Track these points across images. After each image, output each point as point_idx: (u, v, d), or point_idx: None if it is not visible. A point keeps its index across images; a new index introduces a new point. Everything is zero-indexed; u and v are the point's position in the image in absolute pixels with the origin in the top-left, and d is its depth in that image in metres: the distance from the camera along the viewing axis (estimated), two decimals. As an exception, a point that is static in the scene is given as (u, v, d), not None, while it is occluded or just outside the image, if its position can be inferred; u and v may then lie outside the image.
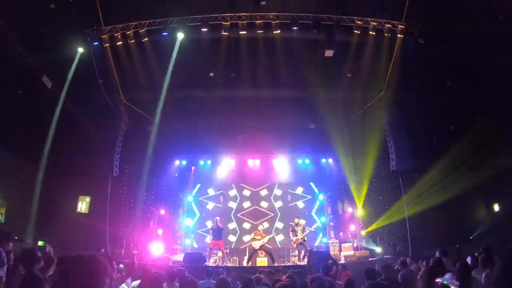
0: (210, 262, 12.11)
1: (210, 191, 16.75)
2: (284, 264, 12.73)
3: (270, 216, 16.08)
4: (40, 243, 11.59)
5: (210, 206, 16.47)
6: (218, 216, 13.59)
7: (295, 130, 15.51)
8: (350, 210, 15.37)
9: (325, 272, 5.81)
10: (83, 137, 13.80)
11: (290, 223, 14.04)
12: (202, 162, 17.11)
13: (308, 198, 16.50)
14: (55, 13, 10.61)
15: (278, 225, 15.87)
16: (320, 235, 15.50)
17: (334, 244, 14.01)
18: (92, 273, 1.65)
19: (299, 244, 12.32)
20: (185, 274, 5.71)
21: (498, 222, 12.25)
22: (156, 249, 13.70)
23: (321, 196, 16.31)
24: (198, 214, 16.33)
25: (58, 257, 3.84)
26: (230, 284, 4.44)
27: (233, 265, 12.51)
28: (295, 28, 12.12)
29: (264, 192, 16.72)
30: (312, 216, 16.04)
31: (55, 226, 12.73)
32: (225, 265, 11.78)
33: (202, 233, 15.74)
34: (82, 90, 12.73)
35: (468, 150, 12.96)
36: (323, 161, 17.01)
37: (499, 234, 11.03)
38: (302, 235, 12.29)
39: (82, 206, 14.12)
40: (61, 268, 1.79)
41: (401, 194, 13.74)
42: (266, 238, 12.49)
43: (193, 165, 17.03)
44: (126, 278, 4.59)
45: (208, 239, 14.62)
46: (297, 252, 12.67)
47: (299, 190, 16.72)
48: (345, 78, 13.51)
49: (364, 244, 13.79)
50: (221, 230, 12.52)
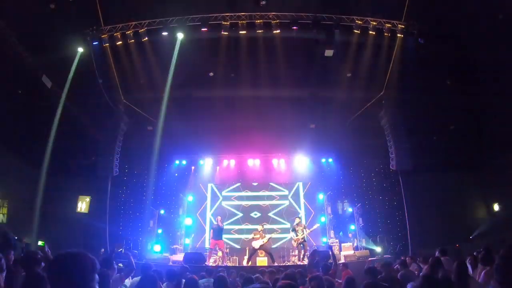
0: (210, 262, 12.10)
1: (210, 190, 16.72)
2: (284, 264, 12.72)
3: (270, 216, 16.05)
4: (40, 243, 11.59)
5: (210, 206, 16.42)
6: (219, 215, 13.60)
7: (295, 130, 15.50)
8: (350, 210, 15.36)
9: (324, 271, 5.81)
10: (83, 136, 13.82)
11: (291, 222, 14.02)
12: (202, 161, 17.10)
13: (307, 198, 16.47)
14: (55, 13, 10.63)
15: (278, 225, 15.84)
16: (320, 235, 15.48)
17: (334, 244, 13.99)
18: (80, 270, 1.65)
19: (299, 244, 12.33)
20: (185, 272, 5.72)
21: (498, 222, 12.25)
22: (156, 248, 13.71)
23: (321, 195, 16.30)
24: (198, 214, 16.30)
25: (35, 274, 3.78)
26: (227, 281, 4.47)
27: (233, 264, 12.51)
28: (295, 27, 12.12)
29: (264, 191, 16.70)
30: (311, 215, 16.00)
31: (55, 226, 12.72)
32: (225, 264, 11.78)
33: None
34: (82, 90, 12.74)
35: (468, 150, 12.98)
36: (323, 161, 17.00)
37: (499, 234, 11.03)
38: (302, 235, 12.29)
39: (82, 205, 14.11)
40: (49, 266, 1.79)
41: (401, 194, 13.75)
42: (266, 238, 12.48)
43: (193, 164, 17.02)
44: (126, 278, 4.59)
45: (206, 240, 14.63)
46: (297, 252, 12.67)
47: (299, 190, 16.69)
48: (345, 78, 13.50)
49: (364, 243, 13.78)
50: (221, 229, 12.53)
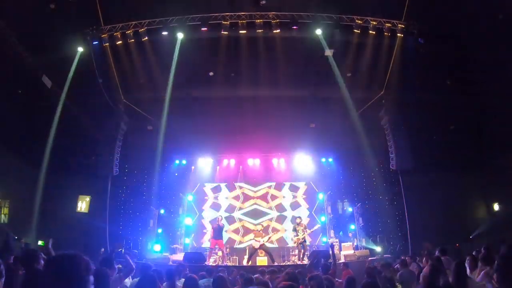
0: (210, 262, 12.11)
1: (210, 190, 16.73)
2: (284, 263, 12.72)
3: (270, 215, 16.06)
4: (40, 243, 11.60)
5: (210, 206, 16.43)
6: (219, 215, 13.62)
7: (295, 129, 15.50)
8: (350, 209, 15.36)
9: (324, 271, 5.82)
10: (83, 136, 13.81)
11: (292, 222, 14.01)
12: (202, 161, 17.09)
13: (307, 198, 16.47)
14: (55, 13, 10.62)
15: (278, 224, 15.85)
16: (320, 235, 15.48)
17: (334, 243, 13.97)
18: (75, 272, 1.66)
19: (300, 243, 12.33)
20: (185, 271, 5.73)
21: (498, 222, 12.24)
22: (156, 248, 13.71)
23: (321, 195, 16.29)
24: (198, 214, 16.31)
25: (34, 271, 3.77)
26: (226, 281, 4.48)
27: (233, 264, 12.52)
28: (295, 27, 12.11)
29: (264, 191, 16.70)
30: (312, 215, 16.01)
31: (55, 225, 12.73)
32: (225, 264, 11.79)
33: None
34: (82, 90, 12.75)
35: (468, 150, 12.96)
36: (323, 160, 16.99)
37: (499, 234, 11.02)
38: (303, 235, 12.30)
39: (82, 205, 14.11)
40: (44, 268, 1.79)
41: (401, 194, 13.73)
42: (266, 237, 12.48)
43: (193, 164, 17.02)
44: (125, 278, 4.59)
45: (206, 239, 14.62)
46: (297, 251, 12.68)
47: (299, 189, 16.70)
48: (345, 78, 13.50)
49: (363, 243, 13.78)
50: (221, 229, 12.54)
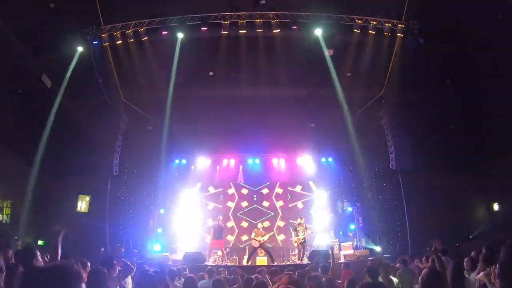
0: (210, 262, 12.11)
1: (210, 190, 16.73)
2: (284, 263, 12.72)
3: (270, 215, 16.06)
4: (40, 243, 11.59)
5: (211, 206, 16.44)
6: (220, 215, 13.61)
7: (295, 129, 15.49)
8: (350, 209, 15.36)
9: (323, 272, 5.82)
10: (83, 136, 13.79)
11: (291, 221, 13.98)
12: (202, 161, 17.08)
13: (307, 197, 16.47)
14: (55, 12, 10.61)
15: (278, 224, 15.85)
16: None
17: (333, 243, 13.98)
18: (66, 283, 1.67)
19: (300, 243, 12.34)
20: (185, 272, 5.73)
21: (498, 222, 12.23)
22: (155, 248, 13.71)
23: (321, 195, 16.27)
24: (198, 213, 16.30)
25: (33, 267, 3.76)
26: (223, 284, 4.50)
27: (233, 264, 12.52)
28: (295, 27, 12.10)
29: (264, 191, 16.70)
30: (311, 215, 16.02)
31: (55, 225, 12.71)
32: (225, 264, 11.79)
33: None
34: (82, 89, 12.73)
35: (468, 150, 12.94)
36: (323, 160, 16.99)
37: (499, 234, 11.00)
38: (303, 235, 12.30)
39: (82, 205, 14.10)
40: (35, 279, 1.80)
41: (401, 194, 13.72)
42: (266, 236, 12.48)
43: (192, 164, 17.02)
44: (125, 278, 4.59)
45: (208, 239, 14.61)
46: (297, 251, 12.68)
47: (299, 189, 16.70)
48: (345, 78, 13.49)
49: (363, 243, 13.78)
50: (222, 229, 12.54)
